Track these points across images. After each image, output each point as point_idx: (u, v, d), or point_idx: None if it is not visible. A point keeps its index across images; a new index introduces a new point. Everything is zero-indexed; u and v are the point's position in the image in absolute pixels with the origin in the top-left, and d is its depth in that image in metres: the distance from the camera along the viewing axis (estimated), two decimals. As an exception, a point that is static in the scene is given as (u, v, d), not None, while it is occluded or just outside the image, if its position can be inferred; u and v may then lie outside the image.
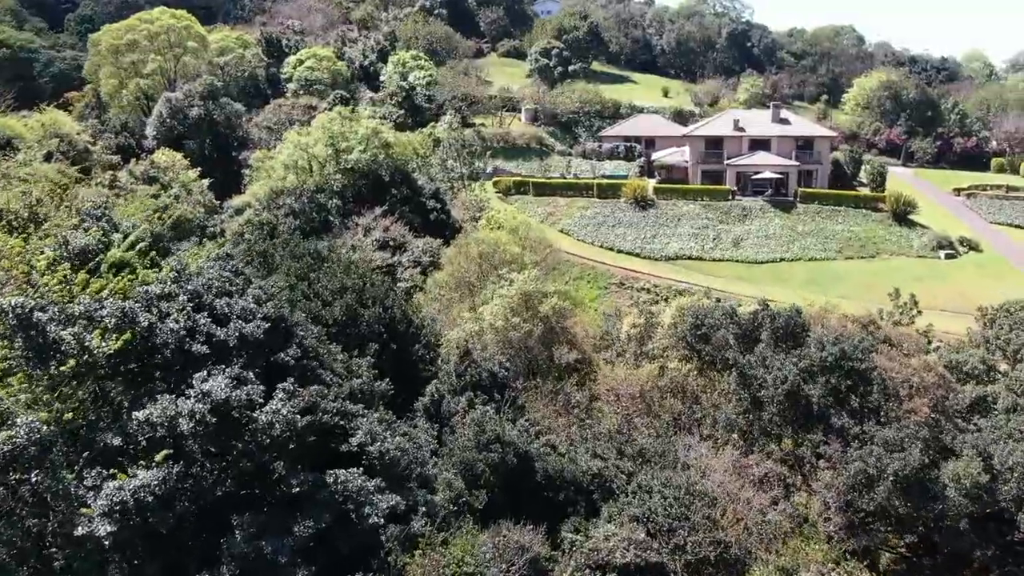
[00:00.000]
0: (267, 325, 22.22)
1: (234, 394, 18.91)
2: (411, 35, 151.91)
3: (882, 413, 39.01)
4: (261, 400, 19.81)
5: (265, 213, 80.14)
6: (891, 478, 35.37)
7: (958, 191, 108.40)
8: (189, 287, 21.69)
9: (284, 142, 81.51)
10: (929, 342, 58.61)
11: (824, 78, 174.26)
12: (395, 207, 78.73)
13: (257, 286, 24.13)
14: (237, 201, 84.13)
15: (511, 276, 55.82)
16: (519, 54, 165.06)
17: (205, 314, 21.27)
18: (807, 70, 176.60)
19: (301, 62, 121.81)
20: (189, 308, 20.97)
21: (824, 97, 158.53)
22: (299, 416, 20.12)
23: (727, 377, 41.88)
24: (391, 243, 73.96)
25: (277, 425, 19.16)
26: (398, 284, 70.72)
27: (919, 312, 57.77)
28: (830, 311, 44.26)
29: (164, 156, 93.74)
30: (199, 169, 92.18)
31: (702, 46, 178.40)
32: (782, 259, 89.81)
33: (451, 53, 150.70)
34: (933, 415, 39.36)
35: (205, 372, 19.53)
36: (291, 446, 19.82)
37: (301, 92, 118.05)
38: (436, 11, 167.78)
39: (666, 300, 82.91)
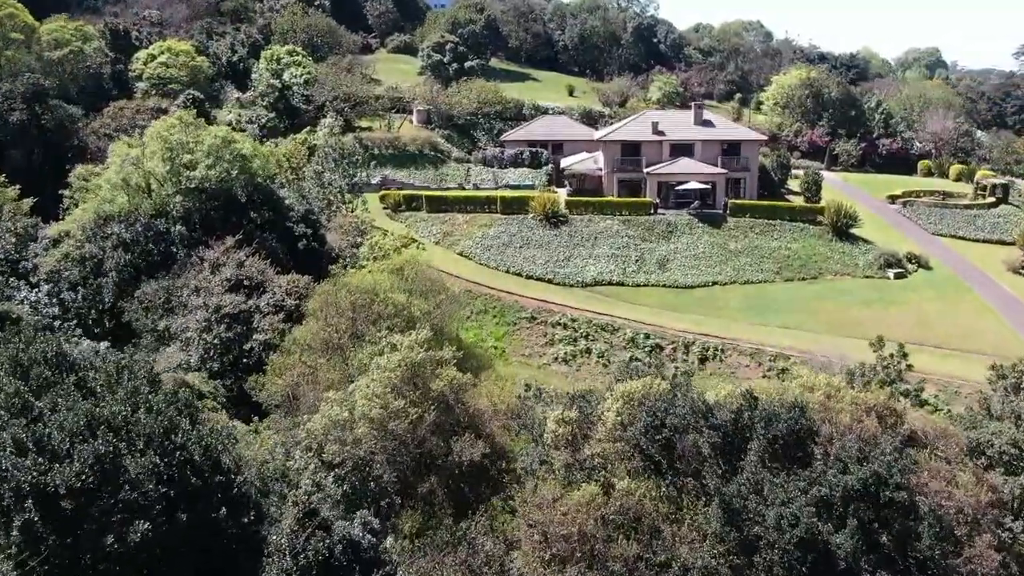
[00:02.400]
0: None
1: None
2: (288, 28, 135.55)
3: (932, 564, 26.73)
4: None
5: (88, 245, 64.07)
6: None
7: (893, 199, 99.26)
8: None
9: (111, 155, 65.35)
10: (922, 401, 47.46)
11: (733, 75, 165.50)
12: (253, 235, 63.73)
13: None
14: (54, 229, 67.38)
15: (393, 339, 41.94)
16: (411, 50, 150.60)
17: None
18: (716, 67, 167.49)
19: (153, 57, 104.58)
20: None
21: (738, 96, 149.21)
22: None
23: (703, 507, 29.03)
24: (247, 282, 58.96)
25: None
26: (254, 337, 56.22)
27: (909, 366, 46.34)
28: (836, 396, 31.94)
29: (-27, 171, 76.28)
30: (19, 186, 75.21)
31: (607, 42, 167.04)
32: (714, 283, 78.32)
33: (334, 48, 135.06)
34: (1002, 559, 27.37)
35: None
36: None
37: (153, 92, 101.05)
38: (318, 2, 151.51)
39: (587, 337, 70.49)
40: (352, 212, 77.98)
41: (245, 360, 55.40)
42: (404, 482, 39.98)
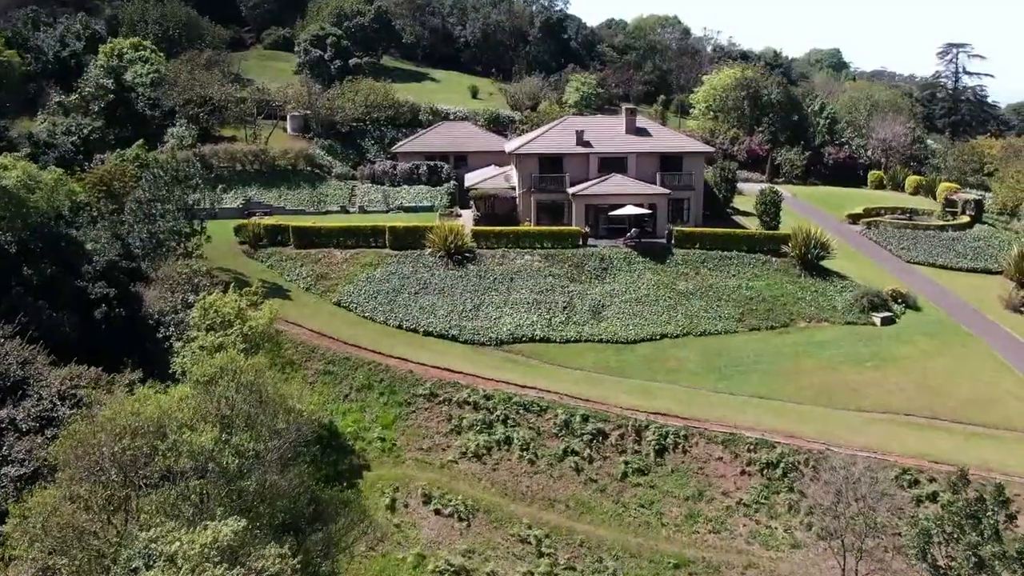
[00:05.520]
0: None
1: None
2: (139, 19, 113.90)
3: None
4: None
5: None
6: None
7: (854, 218, 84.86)
8: None
9: None
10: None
11: (651, 75, 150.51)
12: (23, 303, 44.05)
13: None
14: None
15: (172, 542, 23.40)
16: (291, 46, 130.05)
17: None
18: (632, 66, 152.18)
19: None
20: None
21: (661, 98, 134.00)
22: None
23: None
24: (-2, 382, 39.39)
25: None
26: (2, 471, 36.78)
27: (1012, 516, 30.26)
28: None
29: None
30: None
31: (513, 38, 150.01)
32: (663, 335, 61.82)
33: (195, 43, 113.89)
34: None
35: None
36: None
37: (-57, 95, 79.32)
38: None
39: (505, 421, 52.68)
40: (190, 254, 58.60)
41: (-13, 508, 36.17)
42: None
